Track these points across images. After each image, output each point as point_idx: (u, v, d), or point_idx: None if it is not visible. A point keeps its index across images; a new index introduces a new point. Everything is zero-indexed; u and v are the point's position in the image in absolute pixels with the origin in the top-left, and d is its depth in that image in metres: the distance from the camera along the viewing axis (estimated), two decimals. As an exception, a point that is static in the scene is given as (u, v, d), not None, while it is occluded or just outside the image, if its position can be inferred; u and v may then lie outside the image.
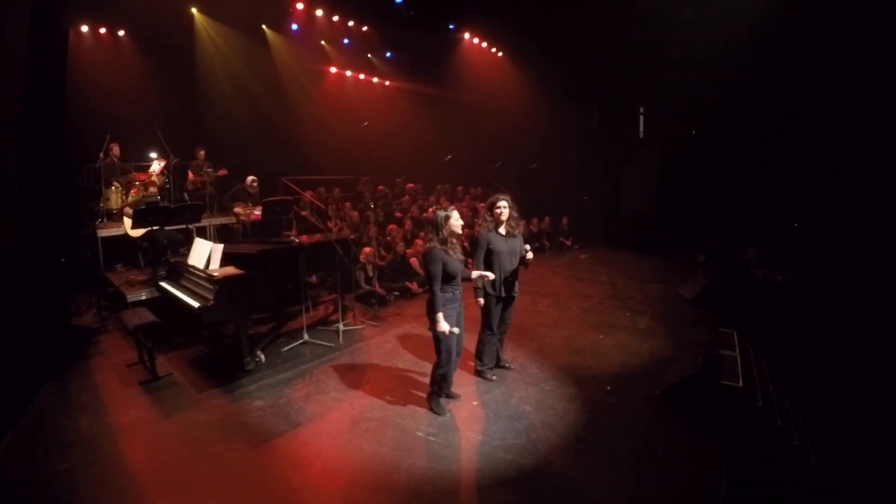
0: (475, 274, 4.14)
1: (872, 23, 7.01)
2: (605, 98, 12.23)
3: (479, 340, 4.65)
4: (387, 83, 12.73)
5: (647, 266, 9.51)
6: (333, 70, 11.59)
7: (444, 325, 3.77)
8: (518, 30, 11.25)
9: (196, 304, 4.55)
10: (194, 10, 9.11)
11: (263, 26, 10.14)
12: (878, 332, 5.36)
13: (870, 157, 7.17)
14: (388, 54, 12.32)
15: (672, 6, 9.56)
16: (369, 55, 12.06)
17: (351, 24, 11.04)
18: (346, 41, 11.35)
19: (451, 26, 11.82)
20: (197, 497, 3.17)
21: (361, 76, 12.22)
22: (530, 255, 4.39)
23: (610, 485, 3.24)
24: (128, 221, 6.70)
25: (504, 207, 4.39)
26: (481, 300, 4.37)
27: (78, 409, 4.13)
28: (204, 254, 4.89)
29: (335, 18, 10.63)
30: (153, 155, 8.15)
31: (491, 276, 4.18)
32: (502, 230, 4.42)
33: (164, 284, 5.28)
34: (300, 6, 9.87)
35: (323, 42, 11.06)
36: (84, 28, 8.22)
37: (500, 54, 12.87)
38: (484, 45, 12.57)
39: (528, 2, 10.35)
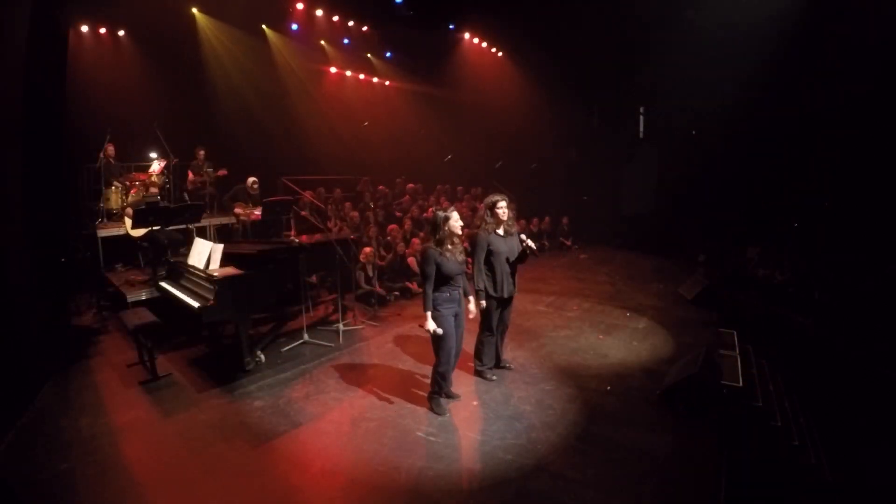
0: (472, 307, 4.23)
1: (872, 23, 7.02)
2: (605, 98, 12.24)
3: (479, 341, 4.66)
4: (387, 83, 12.71)
5: (647, 266, 9.51)
6: (333, 70, 11.57)
7: (430, 324, 3.83)
8: (518, 30, 11.24)
9: (196, 304, 4.56)
10: (195, 10, 9.11)
11: (263, 26, 10.13)
12: (878, 332, 5.37)
13: (870, 157, 7.18)
14: (388, 54, 12.31)
15: (672, 6, 9.56)
16: (369, 55, 12.04)
17: (351, 24, 11.04)
18: (346, 41, 11.34)
19: (451, 26, 11.81)
20: (197, 497, 3.17)
21: (361, 76, 12.21)
22: (531, 243, 4.41)
23: (610, 485, 3.24)
24: (129, 221, 6.72)
25: (504, 208, 4.42)
26: (483, 303, 4.37)
27: (78, 409, 4.12)
28: (204, 254, 4.89)
29: (335, 18, 10.62)
30: (153, 155, 8.15)
31: (473, 315, 4.26)
32: (500, 230, 4.45)
33: (164, 284, 5.28)
34: (300, 6, 9.86)
35: (323, 42, 11.04)
36: (84, 28, 8.21)
37: (500, 54, 12.86)
38: (484, 45, 12.56)
39: (528, 2, 10.34)
